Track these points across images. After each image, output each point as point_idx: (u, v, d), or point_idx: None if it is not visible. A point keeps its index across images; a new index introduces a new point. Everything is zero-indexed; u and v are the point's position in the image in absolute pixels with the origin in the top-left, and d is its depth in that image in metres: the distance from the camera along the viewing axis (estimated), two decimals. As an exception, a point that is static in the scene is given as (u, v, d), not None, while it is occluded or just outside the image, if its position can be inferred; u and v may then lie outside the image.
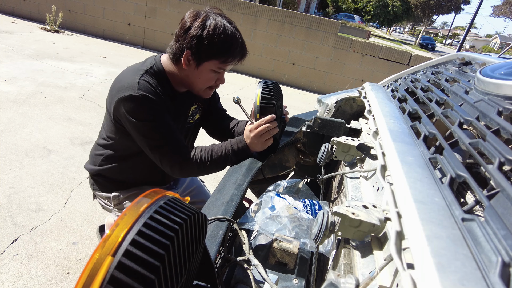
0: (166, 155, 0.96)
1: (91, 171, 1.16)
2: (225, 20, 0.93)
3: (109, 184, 1.16)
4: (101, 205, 1.25)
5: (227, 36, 0.92)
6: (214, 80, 1.01)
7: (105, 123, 1.08)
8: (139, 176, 1.16)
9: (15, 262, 1.50)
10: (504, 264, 0.30)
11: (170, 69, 1.00)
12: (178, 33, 0.94)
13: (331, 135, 1.21)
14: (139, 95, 0.89)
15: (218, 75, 1.00)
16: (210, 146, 1.03)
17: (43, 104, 3.22)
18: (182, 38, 0.93)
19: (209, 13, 0.92)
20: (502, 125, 0.50)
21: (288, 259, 0.72)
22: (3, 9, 7.44)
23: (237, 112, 1.65)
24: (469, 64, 1.07)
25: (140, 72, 0.94)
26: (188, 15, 0.93)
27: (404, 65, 5.91)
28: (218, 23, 0.91)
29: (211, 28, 0.90)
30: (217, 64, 0.96)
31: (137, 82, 0.90)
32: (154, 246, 0.29)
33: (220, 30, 0.90)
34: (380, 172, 0.58)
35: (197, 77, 0.98)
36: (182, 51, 0.94)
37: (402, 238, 0.41)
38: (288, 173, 1.41)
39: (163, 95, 0.96)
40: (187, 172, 1.00)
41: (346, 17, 26.75)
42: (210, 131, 1.31)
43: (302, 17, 6.09)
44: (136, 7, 6.76)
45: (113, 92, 0.94)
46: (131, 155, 1.08)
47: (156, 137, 0.94)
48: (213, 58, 0.94)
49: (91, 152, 1.18)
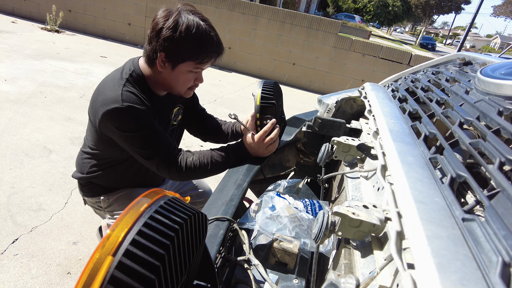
0: (162, 162, 0.94)
1: (79, 179, 1.14)
2: (197, 18, 0.88)
3: (97, 189, 1.14)
4: (93, 209, 1.24)
5: (201, 35, 0.87)
6: (192, 81, 0.98)
7: (89, 133, 1.04)
8: (127, 180, 1.14)
9: (16, 262, 1.50)
10: (505, 264, 0.30)
11: (148, 72, 0.96)
12: (150, 35, 0.89)
13: (331, 135, 1.21)
14: (124, 106, 0.86)
15: (196, 75, 0.97)
16: (209, 151, 1.01)
17: (44, 104, 3.22)
18: (154, 40, 0.88)
19: (181, 11, 0.87)
20: (503, 125, 0.50)
21: (288, 259, 0.72)
22: (4, 9, 7.44)
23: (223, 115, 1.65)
24: (470, 64, 1.07)
25: (122, 82, 0.91)
26: (159, 14, 0.88)
27: (404, 65, 5.90)
28: (191, 22, 0.86)
29: (183, 29, 0.85)
30: (193, 65, 0.92)
31: (120, 94, 0.87)
32: (154, 246, 0.29)
33: (193, 30, 0.86)
34: (381, 172, 0.58)
35: (174, 79, 0.94)
36: (155, 54, 0.89)
37: (402, 238, 0.41)
38: (288, 173, 1.41)
39: (147, 102, 0.93)
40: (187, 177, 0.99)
41: (347, 17, 26.73)
42: (193, 131, 1.30)
43: (303, 17, 6.09)
44: (136, 7, 6.76)
45: (96, 105, 0.91)
46: (118, 162, 1.06)
47: (148, 147, 0.92)
48: (188, 60, 0.90)
49: (77, 160, 1.15)
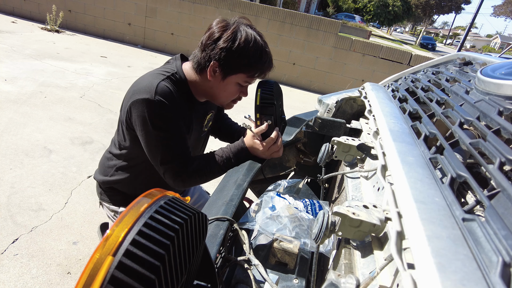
0: (172, 168, 0.92)
1: (101, 182, 1.11)
2: (255, 33, 0.89)
3: (118, 197, 1.11)
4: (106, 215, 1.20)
5: (257, 49, 0.88)
6: (238, 93, 0.98)
7: (118, 130, 1.03)
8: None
9: (16, 262, 1.50)
10: (505, 264, 0.30)
11: (193, 78, 0.96)
12: (206, 42, 0.89)
13: (331, 135, 1.21)
14: (155, 99, 0.84)
15: (243, 88, 0.97)
16: (210, 155, 1.00)
17: (44, 104, 3.22)
18: (210, 48, 0.88)
19: (239, 24, 0.89)
20: (503, 125, 0.50)
21: (288, 259, 0.72)
22: (4, 9, 7.44)
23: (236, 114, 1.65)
24: (470, 64, 1.07)
25: (161, 77, 0.89)
26: (216, 24, 0.89)
27: (404, 65, 5.90)
28: (249, 36, 0.87)
29: (241, 41, 0.86)
30: (244, 78, 0.92)
31: (155, 86, 0.85)
32: (154, 246, 0.29)
33: (251, 43, 0.87)
34: (381, 172, 0.58)
35: (221, 89, 0.94)
36: (208, 62, 0.89)
37: (402, 238, 0.41)
38: (289, 173, 1.41)
39: (182, 103, 0.92)
40: (189, 184, 0.98)
41: (347, 17, 26.73)
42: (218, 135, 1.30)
43: (303, 17, 6.09)
44: (136, 7, 6.76)
45: (128, 95, 0.89)
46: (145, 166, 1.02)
47: (164, 150, 0.90)
48: (241, 72, 0.91)
49: (101, 161, 1.12)
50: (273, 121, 1.00)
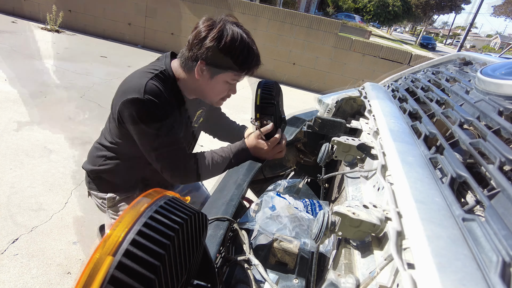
0: (169, 164, 0.93)
1: (90, 171, 1.13)
2: (241, 31, 0.90)
3: (106, 185, 1.13)
4: (95, 204, 1.22)
5: (244, 48, 0.89)
6: (227, 91, 0.99)
7: (109, 126, 1.04)
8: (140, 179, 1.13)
9: (16, 262, 1.50)
10: (505, 264, 0.30)
11: (181, 76, 0.96)
12: (192, 42, 0.89)
13: (331, 134, 1.21)
14: (144, 98, 0.85)
15: (231, 86, 0.98)
16: (209, 154, 1.00)
17: (44, 104, 3.22)
18: (196, 47, 0.88)
19: (225, 23, 0.89)
20: (503, 125, 0.50)
21: (288, 259, 0.72)
22: (4, 9, 7.44)
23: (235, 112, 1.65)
24: (470, 64, 1.07)
25: (149, 75, 0.90)
26: (202, 23, 0.89)
27: (404, 64, 5.90)
28: (235, 35, 0.87)
29: (228, 40, 0.86)
30: (231, 76, 0.93)
31: (144, 85, 0.86)
32: (154, 246, 0.29)
33: (237, 42, 0.87)
34: (381, 172, 0.58)
35: (210, 88, 0.95)
36: (195, 61, 0.90)
37: (402, 238, 0.41)
38: (289, 173, 1.41)
39: (171, 101, 0.93)
40: (187, 180, 0.99)
41: (347, 17, 26.73)
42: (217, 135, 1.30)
43: (303, 17, 6.09)
44: (136, 7, 6.76)
45: (118, 94, 0.91)
46: (134, 158, 1.04)
47: (159, 145, 0.91)
48: (229, 70, 0.91)
49: (91, 152, 1.14)
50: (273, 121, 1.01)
